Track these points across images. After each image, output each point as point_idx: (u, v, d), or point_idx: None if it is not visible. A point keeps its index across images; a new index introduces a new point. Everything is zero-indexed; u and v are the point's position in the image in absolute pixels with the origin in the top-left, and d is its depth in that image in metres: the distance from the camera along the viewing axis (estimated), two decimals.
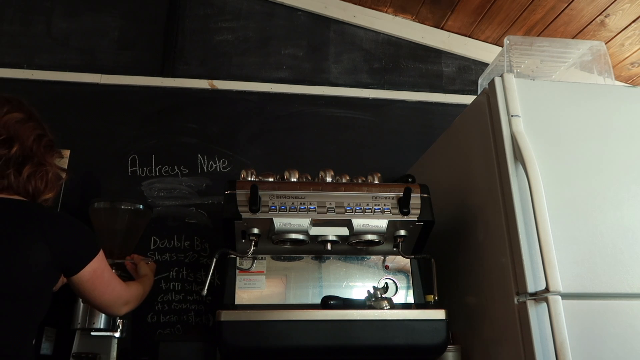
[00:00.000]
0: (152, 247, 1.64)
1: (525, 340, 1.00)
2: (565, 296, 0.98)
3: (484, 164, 1.20)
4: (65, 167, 1.63)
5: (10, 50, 1.84)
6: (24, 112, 0.95)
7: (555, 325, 0.94)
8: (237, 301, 1.19)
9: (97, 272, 0.96)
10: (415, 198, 1.20)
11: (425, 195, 1.22)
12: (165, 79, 1.86)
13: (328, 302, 1.12)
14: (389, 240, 1.22)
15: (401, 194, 1.19)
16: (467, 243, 1.27)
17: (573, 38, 1.94)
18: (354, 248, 1.23)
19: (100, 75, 1.83)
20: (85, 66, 1.85)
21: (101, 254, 0.98)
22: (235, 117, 1.85)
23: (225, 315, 1.06)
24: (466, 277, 1.27)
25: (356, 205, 1.18)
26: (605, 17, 1.82)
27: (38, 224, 0.88)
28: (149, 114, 1.81)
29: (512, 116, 1.14)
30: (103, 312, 1.11)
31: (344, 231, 1.18)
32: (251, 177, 1.25)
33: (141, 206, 1.44)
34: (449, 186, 1.39)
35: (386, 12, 2.07)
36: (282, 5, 2.04)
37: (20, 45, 1.85)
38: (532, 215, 1.02)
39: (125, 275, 1.32)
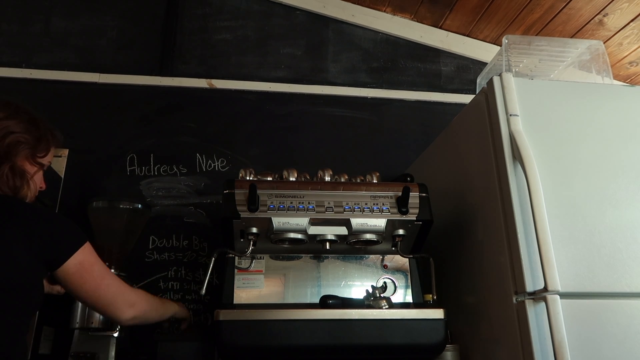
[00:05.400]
0: (150, 247, 1.64)
1: (523, 340, 1.00)
2: (563, 295, 0.98)
3: (483, 163, 1.20)
4: (64, 166, 1.63)
5: (8, 49, 1.84)
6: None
7: (553, 324, 0.94)
8: (236, 300, 1.19)
9: (84, 265, 0.92)
10: (414, 197, 1.20)
11: (424, 194, 1.22)
12: (164, 78, 1.86)
13: (326, 302, 1.12)
14: (388, 240, 1.22)
15: (400, 193, 1.19)
16: (465, 242, 1.27)
17: (571, 37, 1.94)
18: (353, 247, 1.23)
19: (98, 74, 1.83)
20: (84, 65, 1.84)
21: (88, 247, 0.94)
22: (234, 117, 1.85)
23: (224, 315, 1.06)
24: (465, 276, 1.27)
25: (355, 204, 1.18)
26: (604, 16, 1.82)
27: (18, 218, 0.87)
28: (147, 113, 1.81)
29: (510, 115, 1.14)
30: (105, 314, 0.99)
31: (342, 230, 1.18)
32: (250, 177, 1.25)
33: (140, 205, 1.44)
34: (447, 185, 1.39)
35: (385, 11, 2.07)
36: (281, 4, 2.03)
37: (18, 44, 1.85)
38: (531, 214, 1.02)
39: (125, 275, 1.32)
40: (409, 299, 1.26)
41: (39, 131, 1.01)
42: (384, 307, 1.11)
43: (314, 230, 1.17)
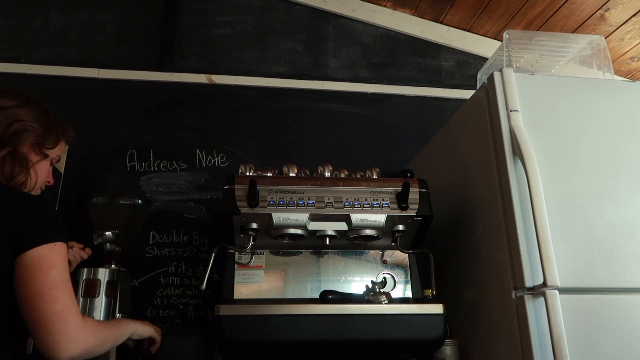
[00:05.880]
0: (150, 242, 1.64)
1: (522, 335, 1.00)
2: (562, 291, 0.98)
3: (483, 159, 1.20)
4: (64, 162, 1.63)
5: (7, 44, 1.83)
6: None
7: (552, 319, 0.95)
8: (236, 296, 1.20)
9: (42, 262, 0.77)
10: (414, 193, 1.20)
11: (424, 190, 1.22)
12: (163, 74, 1.85)
13: (326, 297, 1.12)
14: (388, 235, 1.22)
15: (400, 189, 1.19)
16: (465, 238, 1.28)
17: (573, 32, 1.93)
18: (353, 243, 1.23)
19: (98, 69, 1.82)
20: (83, 60, 1.84)
21: (60, 247, 0.81)
22: (234, 112, 1.85)
23: (224, 310, 1.06)
24: (464, 271, 1.27)
25: (355, 200, 1.18)
26: (605, 11, 1.81)
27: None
28: (147, 108, 1.80)
29: (511, 111, 1.14)
30: (36, 339, 0.76)
31: (342, 226, 1.18)
32: (250, 172, 1.25)
33: (140, 201, 1.44)
34: (447, 181, 1.39)
35: (385, 6, 2.06)
36: None
37: (17, 39, 1.84)
38: (531, 210, 1.02)
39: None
40: (409, 294, 1.26)
41: (49, 123, 1.00)
42: (383, 302, 1.11)
43: (313, 225, 1.17)
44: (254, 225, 1.16)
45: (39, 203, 0.87)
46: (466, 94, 1.91)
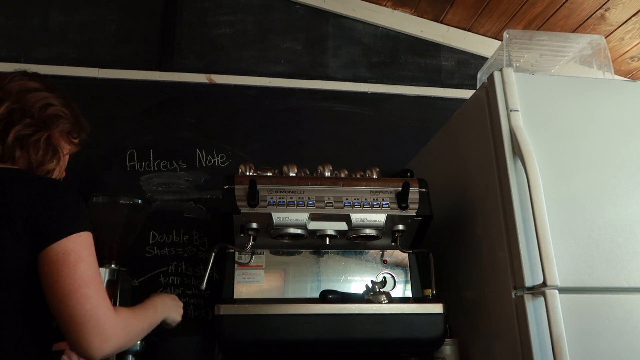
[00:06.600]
0: (150, 242, 1.64)
1: (522, 334, 1.00)
2: (562, 290, 0.98)
3: (483, 158, 1.20)
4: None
5: (6, 43, 1.83)
6: None
7: (552, 319, 0.95)
8: (236, 295, 1.20)
9: (69, 257, 0.72)
10: (414, 192, 1.20)
11: (424, 189, 1.22)
12: (163, 73, 1.85)
13: (326, 296, 1.12)
14: (387, 235, 1.22)
15: (400, 189, 1.19)
16: (465, 237, 1.28)
17: (573, 32, 1.93)
18: (352, 242, 1.23)
19: (97, 69, 1.82)
20: (83, 60, 1.84)
21: (85, 238, 0.76)
22: (234, 112, 1.85)
23: (224, 309, 1.07)
24: (464, 271, 1.28)
25: (354, 199, 1.18)
26: (606, 10, 1.81)
27: (15, 192, 0.76)
28: (146, 108, 1.80)
29: (511, 110, 1.14)
30: (68, 336, 0.74)
31: (342, 226, 1.18)
32: (249, 172, 1.25)
33: (140, 201, 1.44)
34: (447, 181, 1.40)
35: (385, 5, 2.06)
36: None
37: (16, 38, 1.84)
38: (530, 209, 1.02)
39: None
40: (409, 293, 1.26)
41: (74, 110, 0.97)
42: (383, 302, 1.11)
43: (313, 225, 1.17)
44: (254, 225, 1.16)
45: (60, 189, 0.81)
46: (466, 93, 1.91)
